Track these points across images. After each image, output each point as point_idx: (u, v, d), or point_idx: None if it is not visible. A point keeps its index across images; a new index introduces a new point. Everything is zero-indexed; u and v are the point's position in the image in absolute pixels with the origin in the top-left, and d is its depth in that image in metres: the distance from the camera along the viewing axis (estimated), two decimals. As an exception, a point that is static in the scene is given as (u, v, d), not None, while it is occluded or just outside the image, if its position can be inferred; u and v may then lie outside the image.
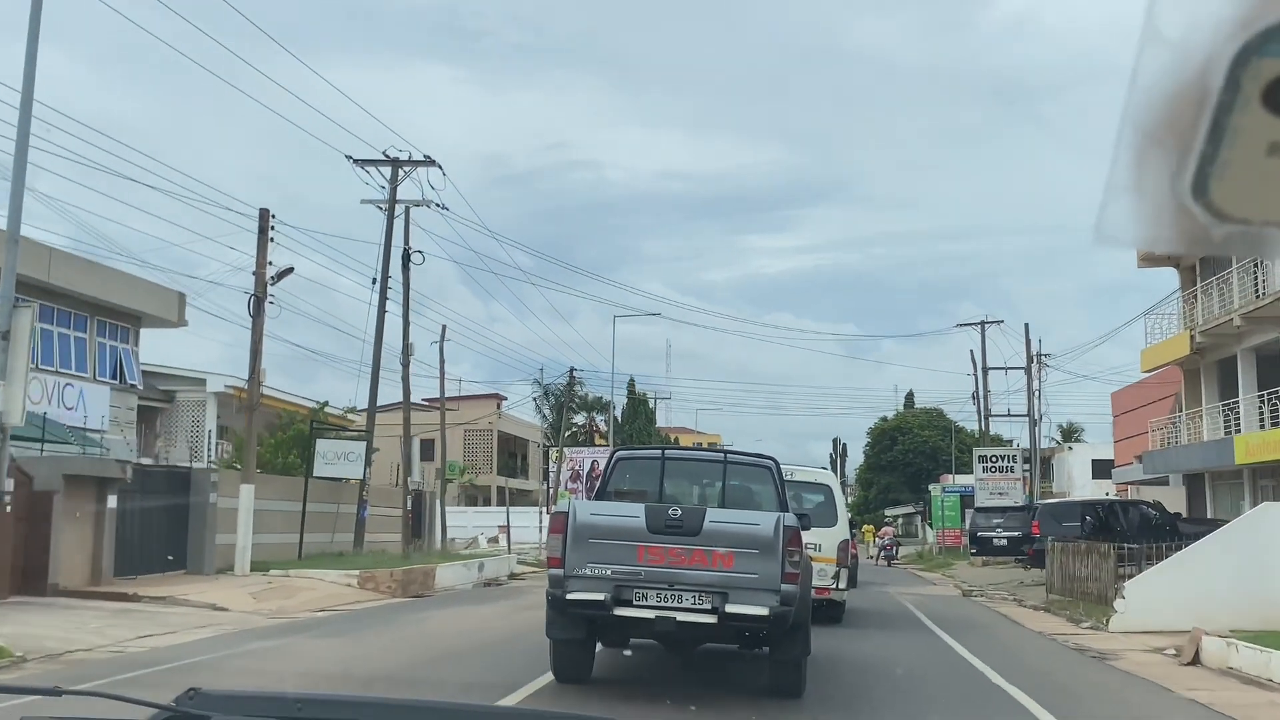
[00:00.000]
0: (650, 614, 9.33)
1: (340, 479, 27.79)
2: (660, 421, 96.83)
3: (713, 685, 10.73)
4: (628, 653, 10.80)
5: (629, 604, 9.37)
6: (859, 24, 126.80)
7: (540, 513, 44.15)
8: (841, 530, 17.12)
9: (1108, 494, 46.95)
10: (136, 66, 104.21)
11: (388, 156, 27.76)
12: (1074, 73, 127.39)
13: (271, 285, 22.58)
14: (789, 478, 15.49)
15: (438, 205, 28.35)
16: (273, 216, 22.80)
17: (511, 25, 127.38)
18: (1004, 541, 27.44)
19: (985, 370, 46.00)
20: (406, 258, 27.35)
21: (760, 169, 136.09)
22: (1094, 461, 59.75)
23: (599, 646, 10.56)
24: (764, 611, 9.19)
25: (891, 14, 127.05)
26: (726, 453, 12.22)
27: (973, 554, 30.28)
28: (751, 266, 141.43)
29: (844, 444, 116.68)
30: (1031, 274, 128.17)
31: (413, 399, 69.48)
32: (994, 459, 40.06)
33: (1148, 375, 38.61)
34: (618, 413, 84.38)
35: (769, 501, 10.77)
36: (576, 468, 53.09)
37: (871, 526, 47.46)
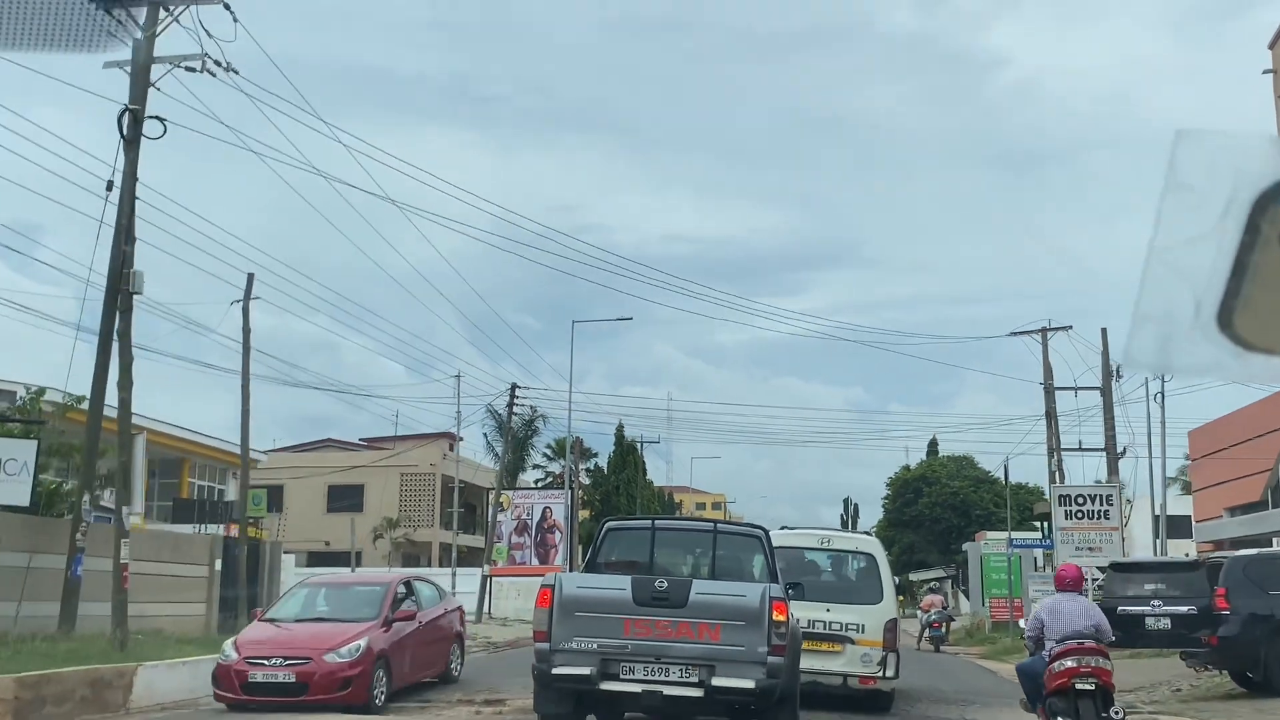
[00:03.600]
0: (637, 688, 9.30)
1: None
2: (661, 480, 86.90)
3: None
4: None
5: (616, 678, 9.30)
6: (866, 91, 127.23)
7: (453, 576, 32.60)
8: (888, 608, 14.73)
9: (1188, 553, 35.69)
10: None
11: (142, -13, 16.88)
12: (1079, 140, 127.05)
13: None
14: (827, 545, 15.40)
15: (220, 64, 17.39)
16: None
17: (522, 91, 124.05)
18: (1165, 622, 16.23)
19: (1053, 389, 34.72)
20: (135, 125, 16.01)
21: (768, 233, 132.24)
22: (1157, 517, 48.54)
23: None
24: (750, 684, 9.13)
25: (898, 81, 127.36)
26: (716, 523, 12.20)
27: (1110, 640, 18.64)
28: (759, 330, 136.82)
29: (855, 504, 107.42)
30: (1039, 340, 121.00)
31: (349, 436, 57.84)
32: (1080, 501, 28.71)
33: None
34: (602, 462, 73.35)
35: (759, 572, 10.59)
36: (524, 516, 41.68)
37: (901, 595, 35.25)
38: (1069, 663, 10.47)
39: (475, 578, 38.34)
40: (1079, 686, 10.39)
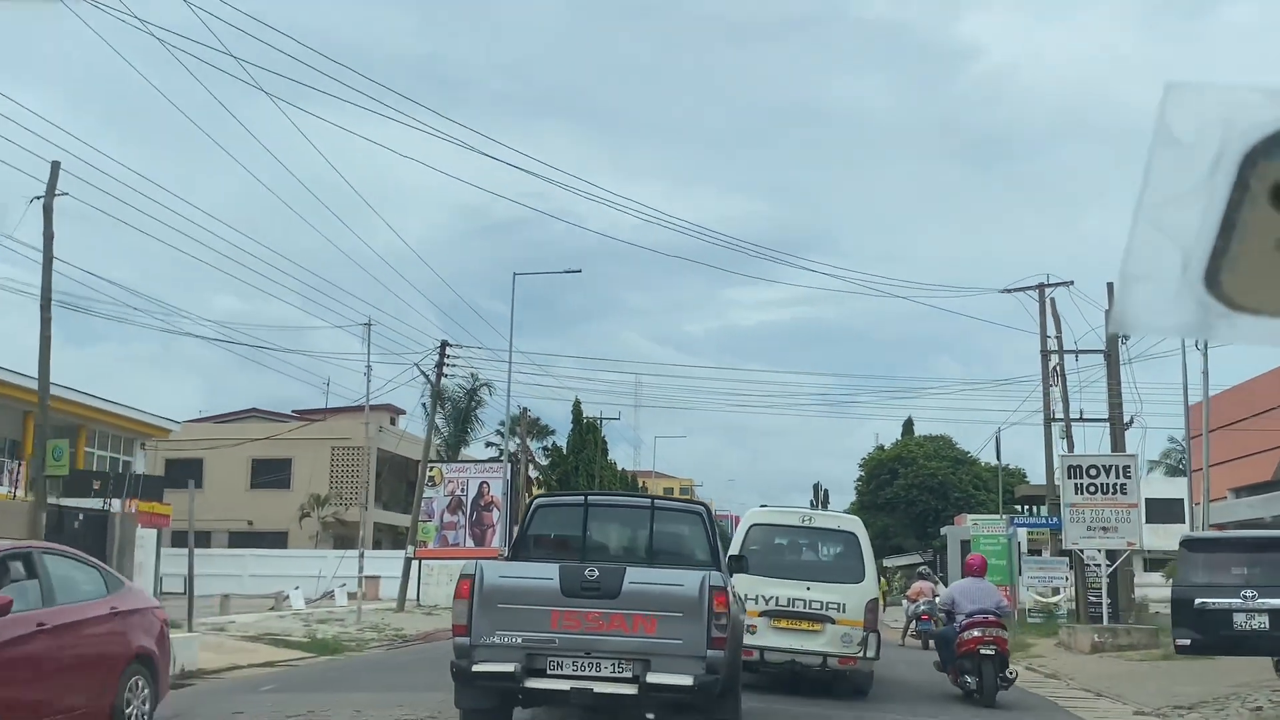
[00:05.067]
0: (566, 685, 8.71)
1: None
2: (628, 464, 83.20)
3: None
4: None
5: (542, 674, 8.74)
6: (838, 81, 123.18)
7: (360, 559, 28.12)
8: (869, 588, 14.45)
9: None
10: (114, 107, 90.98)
11: None
12: (1051, 132, 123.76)
13: None
14: (808, 523, 15.24)
15: None
16: None
17: (495, 76, 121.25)
18: (1261, 620, 11.97)
19: (1061, 346, 30.58)
20: None
21: (740, 222, 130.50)
22: (1149, 501, 44.74)
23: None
24: (689, 681, 8.61)
25: (870, 72, 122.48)
26: (654, 499, 11.23)
27: (1182, 645, 14.16)
28: (731, 319, 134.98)
29: (825, 490, 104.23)
30: (1009, 332, 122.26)
31: (271, 408, 53.21)
32: (1092, 473, 24.62)
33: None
34: (561, 440, 69.10)
35: (700, 550, 10.19)
36: (458, 492, 37.27)
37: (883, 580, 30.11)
38: (976, 632, 13.19)
39: (398, 561, 33.96)
40: (983, 651, 13.12)
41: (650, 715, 9.10)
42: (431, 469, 36.32)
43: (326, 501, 46.92)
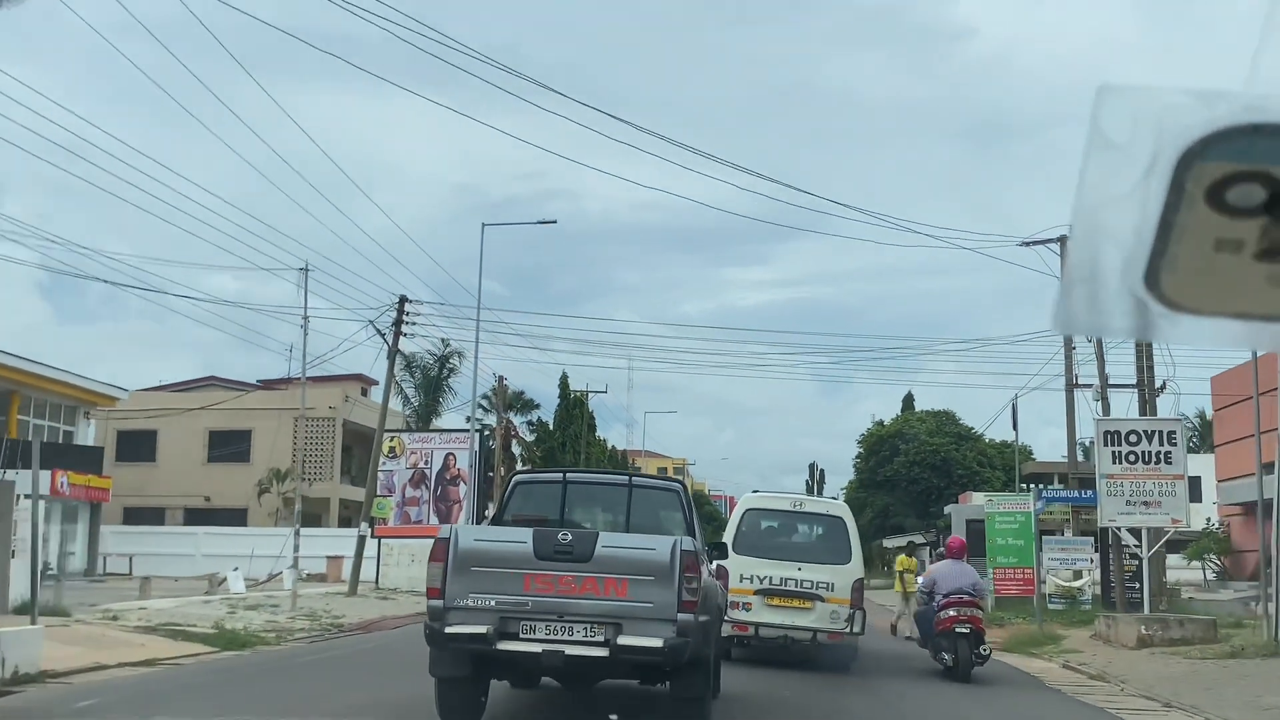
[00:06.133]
0: (537, 648, 8.72)
1: None
2: (621, 444, 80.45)
3: None
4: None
5: (515, 637, 8.74)
6: (835, 61, 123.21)
7: (296, 536, 24.95)
8: (855, 568, 15.48)
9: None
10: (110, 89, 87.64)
11: None
12: (1048, 114, 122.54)
13: None
14: (799, 508, 16.43)
15: None
16: None
17: (490, 54, 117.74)
18: None
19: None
20: None
21: (738, 201, 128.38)
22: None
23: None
24: (659, 643, 8.62)
25: (866, 52, 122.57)
26: (632, 476, 11.95)
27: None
28: (727, 299, 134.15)
29: (821, 469, 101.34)
30: (1005, 313, 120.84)
31: (222, 374, 49.87)
32: (1132, 439, 21.46)
33: None
34: (547, 416, 65.86)
35: (677, 527, 10.19)
36: (421, 464, 34.11)
37: (910, 558, 26.42)
38: (951, 612, 14.53)
39: (353, 539, 30.91)
40: (958, 630, 14.39)
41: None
42: (391, 439, 33.18)
43: (288, 476, 43.74)
